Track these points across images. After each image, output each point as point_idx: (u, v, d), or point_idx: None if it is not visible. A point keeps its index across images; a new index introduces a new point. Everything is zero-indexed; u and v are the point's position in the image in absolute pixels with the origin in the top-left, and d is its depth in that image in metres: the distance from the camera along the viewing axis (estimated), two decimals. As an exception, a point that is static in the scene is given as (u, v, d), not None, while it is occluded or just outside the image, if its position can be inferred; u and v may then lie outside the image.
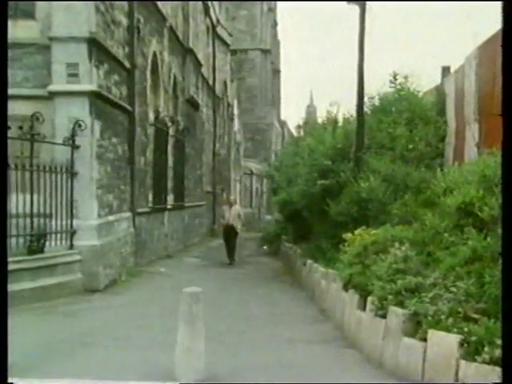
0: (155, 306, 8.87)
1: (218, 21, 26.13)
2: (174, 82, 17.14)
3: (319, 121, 15.37)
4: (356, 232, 7.44)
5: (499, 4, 3.36)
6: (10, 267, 6.69)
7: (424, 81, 10.93)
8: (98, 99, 10.14)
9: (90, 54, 9.81)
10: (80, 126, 9.63)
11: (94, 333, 6.99)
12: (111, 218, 10.99)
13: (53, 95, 9.71)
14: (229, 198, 16.76)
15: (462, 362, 4.03)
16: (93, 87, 9.90)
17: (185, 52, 18.73)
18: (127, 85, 12.20)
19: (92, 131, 9.94)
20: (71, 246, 9.68)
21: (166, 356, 5.19)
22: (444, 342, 4.31)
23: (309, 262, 10.80)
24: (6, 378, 2.81)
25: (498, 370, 3.60)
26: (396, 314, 5.21)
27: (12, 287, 6.65)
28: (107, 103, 10.74)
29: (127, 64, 12.15)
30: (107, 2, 10.70)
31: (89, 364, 5.53)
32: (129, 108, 12.23)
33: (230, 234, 14.94)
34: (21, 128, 8.66)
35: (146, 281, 11.50)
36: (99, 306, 8.75)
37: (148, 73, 13.96)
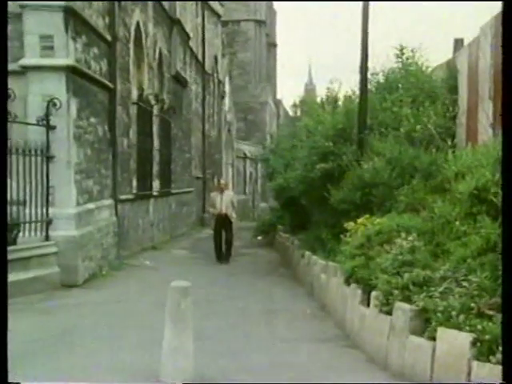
0: (140, 302, 8.86)
1: (207, -11, 25.91)
2: (160, 57, 16.99)
3: (318, 100, 15.32)
4: (359, 221, 7.44)
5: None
6: (-21, 260, 6.62)
7: (434, 55, 10.89)
8: (75, 75, 10.02)
9: (66, 25, 9.68)
10: (55, 104, 9.53)
11: (72, 332, 6.97)
12: (91, 205, 10.93)
13: (25, 70, 9.58)
14: (220, 182, 14.96)
15: (475, 363, 4.03)
16: (69, 61, 9.78)
17: (171, 23, 18.56)
18: (108, 59, 12.08)
19: (68, 110, 9.85)
20: (47, 237, 9.62)
21: (152, 356, 5.17)
22: (455, 341, 4.30)
23: (307, 253, 10.81)
24: (6, 378, 2.98)
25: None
26: (402, 311, 5.21)
27: (-19, 282, 6.59)
28: (85, 79, 10.62)
29: (108, 36, 12.00)
30: (85, -33, 10.55)
31: (68, 366, 5.51)
32: (109, 85, 12.11)
33: (223, 224, 13.53)
34: (-11, 107, 8.54)
35: (129, 275, 11.47)
36: (78, 302, 8.73)
37: (131, 46, 13.82)
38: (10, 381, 2.83)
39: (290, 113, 38.48)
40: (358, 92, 10.18)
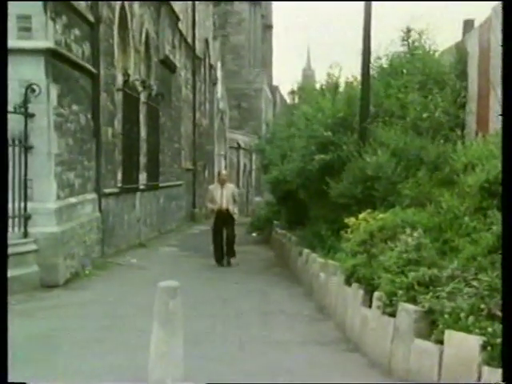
0: (125, 303, 8.85)
1: (198, -34, 25.80)
2: (147, 40, 16.93)
3: (317, 86, 15.30)
4: (360, 216, 7.42)
5: None
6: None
7: (442, 37, 10.85)
8: (55, 58, 9.97)
9: (44, 4, 9.62)
10: (34, 90, 9.49)
11: (53, 335, 6.95)
12: (73, 199, 10.90)
13: (1, 54, 9.52)
14: (220, 173, 14.14)
15: (485, 368, 4.03)
16: (49, 44, 9.73)
17: (159, 3, 18.47)
18: (90, 42, 12.03)
19: (48, 97, 9.80)
20: (25, 234, 9.59)
21: (138, 362, 5.16)
22: (464, 345, 4.30)
23: (305, 251, 10.81)
24: (6, 378, 3.11)
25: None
26: (407, 312, 5.21)
27: (-46, 282, 6.55)
28: (66, 63, 10.58)
29: (90, 17, 11.96)
30: None
31: (47, 372, 5.49)
32: (92, 70, 12.06)
33: (224, 222, 12.85)
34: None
35: (114, 274, 11.46)
36: (59, 303, 8.71)
37: (115, 28, 13.75)
38: (9, 381, 2.95)
39: (287, 100, 38.44)
40: (360, 78, 10.16)
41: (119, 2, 14.00)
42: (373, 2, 9.60)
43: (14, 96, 9.45)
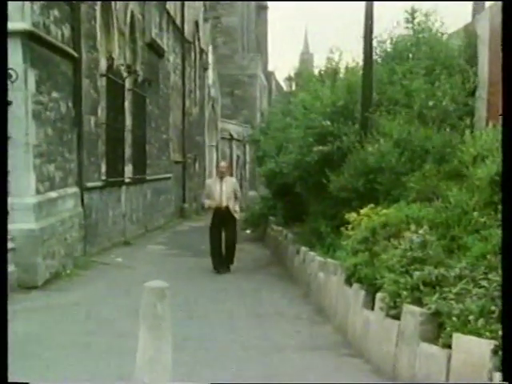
0: (110, 305, 8.84)
1: None
2: (132, 21, 16.87)
3: (316, 72, 15.28)
4: (362, 211, 7.43)
5: None
6: None
7: (450, 19, 10.86)
8: (32, 41, 9.93)
9: (21, -17, 9.58)
10: (10, 76, 9.42)
11: (33, 340, 6.92)
12: (53, 194, 10.88)
13: (-26, 36, 9.48)
14: (219, 165, 13.42)
15: (497, 374, 4.03)
16: (26, 25, 9.68)
17: (145, -18, 18.42)
18: (71, 24, 11.96)
19: (26, 83, 9.76)
20: (1, 231, 9.55)
21: (123, 368, 5.15)
22: (473, 349, 4.31)
23: (303, 249, 10.82)
24: (6, 378, 3.23)
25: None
26: (412, 314, 5.22)
27: None
28: (45, 47, 10.53)
29: (71, -4, 11.91)
30: None
31: (25, 379, 5.47)
32: (74, 53, 12.01)
33: (223, 221, 12.12)
34: None
35: (97, 274, 11.45)
36: (38, 306, 8.69)
37: (97, 8, 13.68)
38: (9, 381, 3.02)
39: (284, 87, 38.44)
40: (361, 63, 10.15)
41: (102, -19, 13.95)
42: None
43: (-12, 82, 9.42)
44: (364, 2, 9.63)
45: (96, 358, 6.21)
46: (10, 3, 9.43)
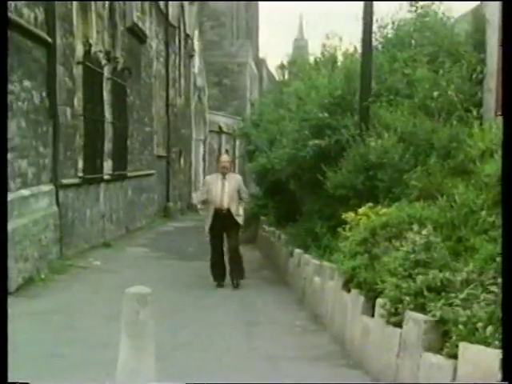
0: (88, 312, 8.82)
1: None
2: (111, 4, 16.82)
3: (311, 59, 15.30)
4: (361, 210, 7.44)
5: None
6: None
7: (457, 2, 10.89)
8: (2, 26, 9.87)
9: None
10: (-22, 63, 9.40)
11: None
12: (25, 192, 10.83)
13: None
14: (221, 159, 11.79)
15: (506, 386, 4.06)
16: (-5, 9, 9.63)
17: (126, -39, 18.38)
18: (45, 6, 11.91)
19: (-5, 71, 9.71)
20: (-31, 232, 9.51)
21: (102, 380, 5.13)
22: (481, 359, 4.32)
23: (297, 251, 10.83)
24: (6, 378, 3.36)
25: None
26: (415, 322, 5.23)
27: None
28: (16, 31, 10.46)
29: (44, -24, 11.86)
30: None
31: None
32: (47, 38, 11.95)
33: (225, 227, 11.00)
34: None
35: (74, 278, 11.42)
36: (10, 314, 8.60)
37: (74, -10, 13.66)
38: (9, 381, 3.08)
39: (276, 76, 38.42)
40: (360, 50, 10.17)
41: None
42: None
43: (-45, 70, 9.38)
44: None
45: (70, 370, 6.18)
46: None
